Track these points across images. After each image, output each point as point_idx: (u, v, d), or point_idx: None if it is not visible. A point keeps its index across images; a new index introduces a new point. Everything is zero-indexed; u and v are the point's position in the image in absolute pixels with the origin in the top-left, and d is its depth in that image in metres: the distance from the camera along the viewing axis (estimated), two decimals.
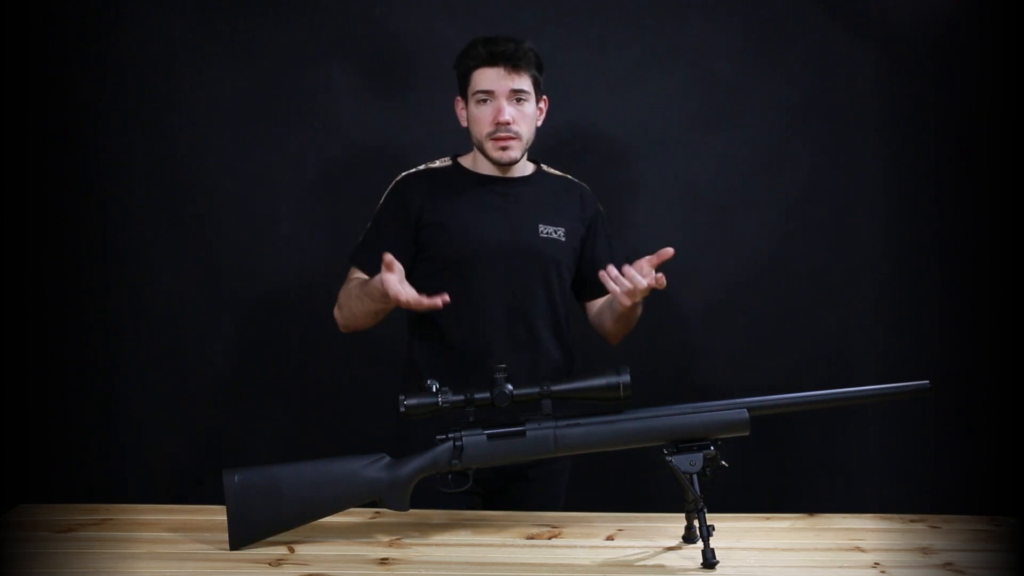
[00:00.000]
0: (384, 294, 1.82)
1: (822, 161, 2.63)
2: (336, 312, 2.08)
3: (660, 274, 1.82)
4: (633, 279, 1.81)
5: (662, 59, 2.61)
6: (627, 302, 1.84)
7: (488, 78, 1.99)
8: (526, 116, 2.02)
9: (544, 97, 2.08)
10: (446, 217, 2.03)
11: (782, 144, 2.62)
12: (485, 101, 2.00)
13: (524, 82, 2.00)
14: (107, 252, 2.57)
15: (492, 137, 2.01)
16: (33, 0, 2.50)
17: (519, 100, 2.01)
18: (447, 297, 1.82)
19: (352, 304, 2.01)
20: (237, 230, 2.60)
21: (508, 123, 1.99)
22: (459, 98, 2.08)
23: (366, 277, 2.04)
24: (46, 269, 2.56)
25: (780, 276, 2.63)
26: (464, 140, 2.13)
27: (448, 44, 2.56)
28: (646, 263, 1.82)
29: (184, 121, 2.57)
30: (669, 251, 1.81)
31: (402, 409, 1.60)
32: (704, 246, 2.64)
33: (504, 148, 2.01)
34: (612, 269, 1.83)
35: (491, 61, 1.99)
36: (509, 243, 2.02)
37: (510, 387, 1.60)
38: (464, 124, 2.08)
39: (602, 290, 2.11)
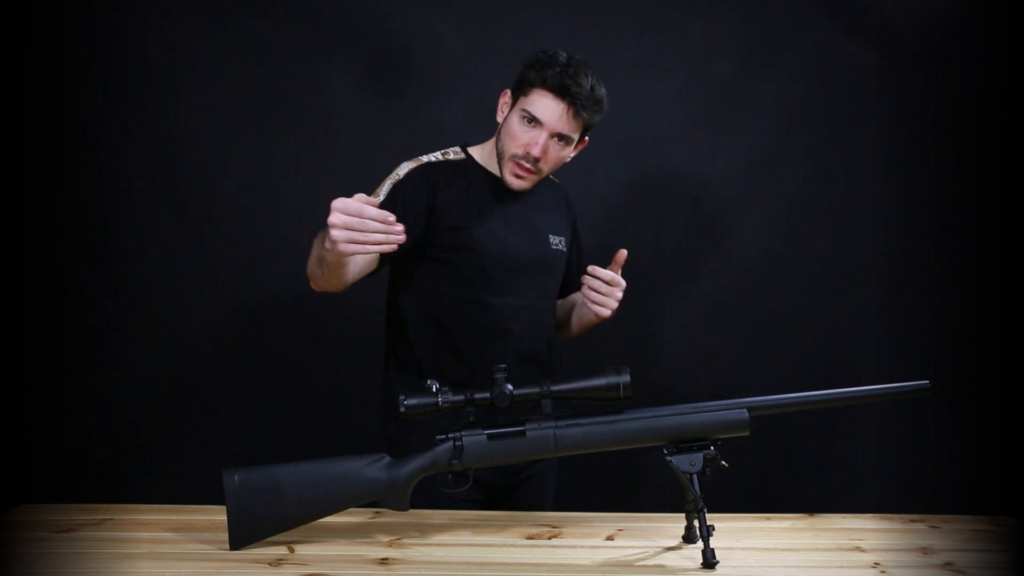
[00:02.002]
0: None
1: (822, 161, 2.63)
2: (309, 273, 1.84)
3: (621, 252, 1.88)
4: (612, 293, 1.88)
5: (662, 59, 2.61)
6: (606, 314, 1.90)
7: (545, 106, 1.89)
8: (556, 158, 1.94)
9: (586, 139, 1.99)
10: (473, 222, 1.95)
11: (782, 144, 2.63)
12: (530, 123, 1.91)
13: (576, 128, 1.92)
14: (107, 252, 2.58)
15: (516, 160, 1.93)
16: (34, 1, 2.50)
17: (560, 141, 1.93)
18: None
19: (313, 251, 1.79)
20: (236, 230, 2.60)
21: (537, 159, 1.92)
22: (508, 91, 1.98)
23: None
24: (46, 269, 2.56)
25: (780, 276, 2.64)
26: (465, 141, 2.13)
27: (448, 44, 2.57)
28: (613, 271, 1.87)
29: (184, 121, 2.58)
30: (623, 252, 1.88)
31: (402, 409, 1.59)
32: (704, 246, 2.64)
33: (519, 177, 1.94)
34: (594, 280, 1.87)
35: (559, 93, 1.88)
36: (530, 255, 1.99)
37: (510, 387, 1.60)
38: (498, 119, 2.00)
39: (568, 288, 2.11)
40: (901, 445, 2.62)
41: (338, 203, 1.56)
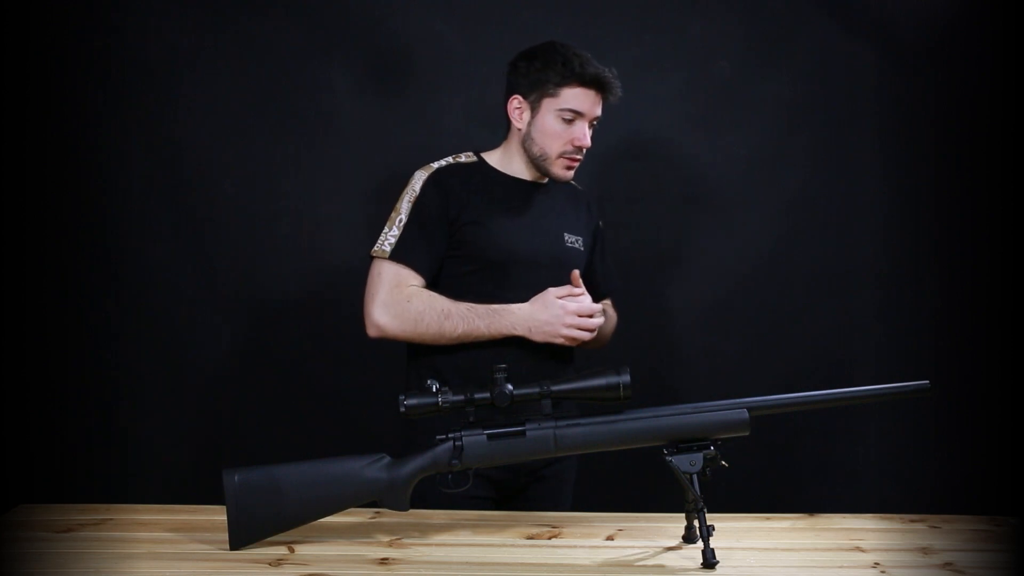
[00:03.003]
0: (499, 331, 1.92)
1: (822, 160, 2.63)
2: (385, 317, 1.94)
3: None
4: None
5: (662, 59, 2.61)
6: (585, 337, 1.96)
7: (582, 100, 1.97)
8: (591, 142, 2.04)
9: None
10: (485, 218, 1.99)
11: (782, 144, 2.63)
12: (571, 121, 1.98)
13: (601, 110, 2.02)
14: (107, 253, 2.58)
15: (565, 156, 2.00)
16: (34, 1, 2.50)
17: (593, 126, 2.02)
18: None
19: (448, 323, 1.92)
20: (237, 230, 2.60)
21: (583, 148, 2.01)
22: (518, 97, 2.02)
23: (419, 278, 1.96)
24: (47, 270, 2.56)
25: (780, 276, 2.64)
26: (465, 141, 2.13)
27: (448, 44, 2.57)
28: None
29: (184, 121, 2.58)
30: (575, 272, 1.94)
31: (402, 409, 1.60)
32: (704, 246, 2.64)
33: (570, 168, 2.03)
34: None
35: (592, 84, 1.97)
36: (542, 251, 2.02)
37: (510, 387, 1.60)
38: (519, 125, 2.03)
39: (592, 295, 2.12)
40: (901, 445, 2.62)
41: (573, 307, 1.92)
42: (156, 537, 1.64)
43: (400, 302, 1.93)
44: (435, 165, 2.05)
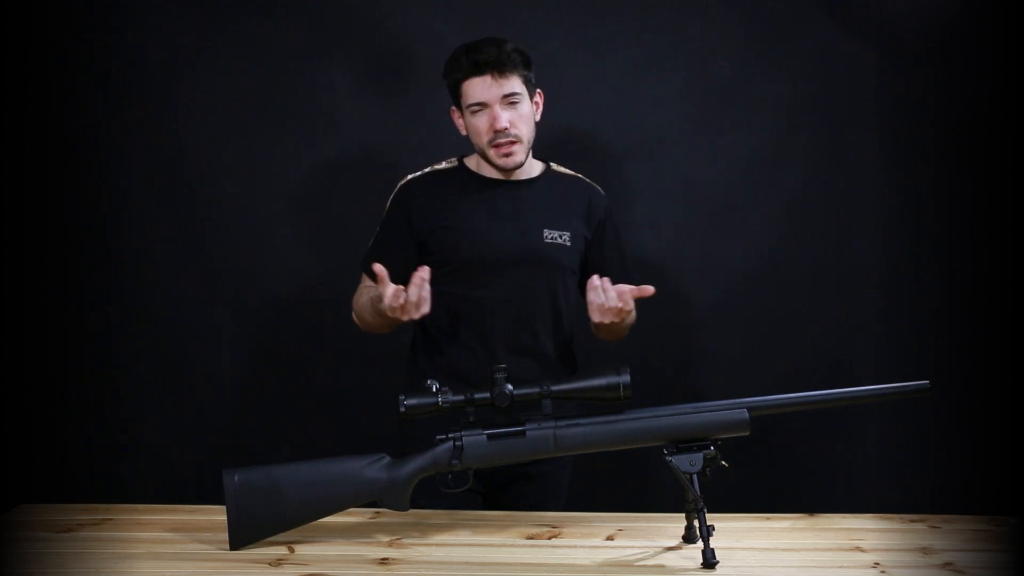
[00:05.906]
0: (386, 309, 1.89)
1: (822, 161, 2.63)
2: (355, 319, 2.11)
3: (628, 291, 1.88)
4: (609, 298, 1.85)
5: (662, 59, 2.61)
6: (595, 317, 1.88)
7: (478, 89, 1.98)
8: (523, 117, 2.01)
9: (539, 91, 2.08)
10: (454, 221, 2.03)
11: (782, 144, 2.62)
12: (479, 111, 1.99)
13: (514, 84, 1.99)
14: (107, 253, 2.58)
15: (493, 144, 2.00)
16: (34, 1, 2.50)
17: (512, 103, 1.99)
18: (425, 274, 1.83)
19: (366, 316, 2.05)
20: (237, 230, 2.60)
21: (506, 129, 1.98)
22: (454, 108, 2.08)
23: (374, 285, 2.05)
24: (47, 270, 2.56)
25: (780, 276, 2.63)
26: (465, 140, 2.13)
27: (448, 44, 2.56)
28: (628, 293, 1.86)
29: (184, 121, 2.58)
30: (649, 289, 1.87)
31: (402, 409, 1.60)
32: (704, 246, 2.64)
33: (507, 154, 2.01)
34: (595, 280, 1.86)
35: (477, 71, 1.98)
36: (515, 249, 2.02)
37: (510, 387, 1.60)
38: (463, 133, 2.08)
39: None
40: (901, 445, 2.62)
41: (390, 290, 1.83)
42: (156, 537, 1.65)
43: (356, 303, 2.09)
44: (410, 176, 2.11)
